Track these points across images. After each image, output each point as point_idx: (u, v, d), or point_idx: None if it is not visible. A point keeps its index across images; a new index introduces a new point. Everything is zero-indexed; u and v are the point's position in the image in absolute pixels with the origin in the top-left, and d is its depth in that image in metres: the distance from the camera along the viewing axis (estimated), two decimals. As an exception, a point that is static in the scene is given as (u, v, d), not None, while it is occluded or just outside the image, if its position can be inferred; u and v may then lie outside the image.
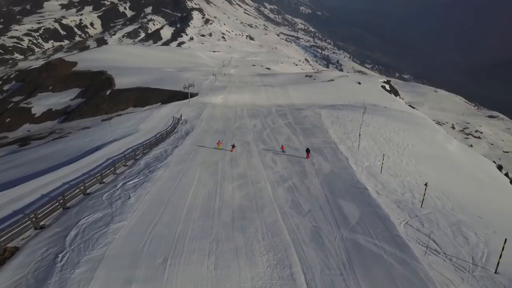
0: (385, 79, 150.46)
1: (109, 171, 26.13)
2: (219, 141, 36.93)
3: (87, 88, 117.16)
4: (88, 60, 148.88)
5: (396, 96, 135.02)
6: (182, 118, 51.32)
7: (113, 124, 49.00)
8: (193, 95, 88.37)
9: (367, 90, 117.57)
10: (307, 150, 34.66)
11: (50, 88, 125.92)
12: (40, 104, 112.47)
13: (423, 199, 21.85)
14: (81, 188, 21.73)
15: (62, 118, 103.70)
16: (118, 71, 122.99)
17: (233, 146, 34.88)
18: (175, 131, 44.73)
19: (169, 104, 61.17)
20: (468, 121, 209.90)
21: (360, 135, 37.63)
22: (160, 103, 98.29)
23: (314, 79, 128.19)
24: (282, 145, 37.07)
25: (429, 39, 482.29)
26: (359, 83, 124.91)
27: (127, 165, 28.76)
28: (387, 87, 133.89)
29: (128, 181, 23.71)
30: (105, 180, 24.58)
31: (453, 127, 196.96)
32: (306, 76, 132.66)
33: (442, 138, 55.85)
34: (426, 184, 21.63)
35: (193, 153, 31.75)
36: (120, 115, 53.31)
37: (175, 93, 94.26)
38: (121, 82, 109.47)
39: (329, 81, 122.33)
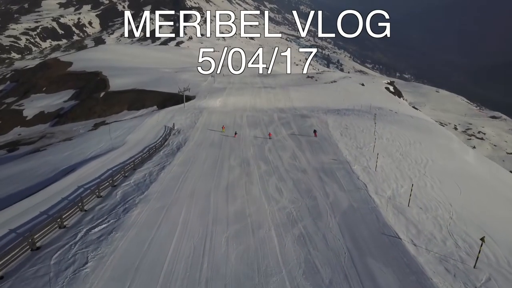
0: (388, 80, 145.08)
1: (76, 207, 20.71)
2: (223, 126, 44.93)
3: (81, 90, 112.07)
4: (84, 60, 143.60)
5: (399, 97, 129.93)
6: (175, 128, 45.84)
7: (99, 134, 43.59)
8: (190, 98, 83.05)
9: (371, 92, 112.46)
10: (315, 131, 41.10)
11: (44, 89, 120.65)
12: (32, 106, 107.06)
13: (477, 258, 16.44)
14: (29, 241, 16.32)
15: (54, 121, 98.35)
16: (114, 71, 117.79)
17: (236, 133, 41.80)
18: (165, 144, 39.26)
19: (162, 110, 55.64)
20: (470, 122, 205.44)
21: (378, 155, 32.06)
22: (155, 106, 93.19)
23: (316, 80, 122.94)
24: (269, 133, 42.19)
25: (430, 39, 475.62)
26: (363, 84, 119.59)
27: (100, 196, 23.34)
28: (391, 88, 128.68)
29: (94, 226, 18.27)
30: (67, 223, 19.15)
31: (456, 128, 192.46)
32: (308, 77, 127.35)
33: (458, 148, 50.45)
34: (482, 240, 16.17)
35: (181, 178, 26.27)
36: (107, 123, 47.82)
37: (171, 96, 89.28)
38: (116, 83, 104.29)
39: (332, 82, 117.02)
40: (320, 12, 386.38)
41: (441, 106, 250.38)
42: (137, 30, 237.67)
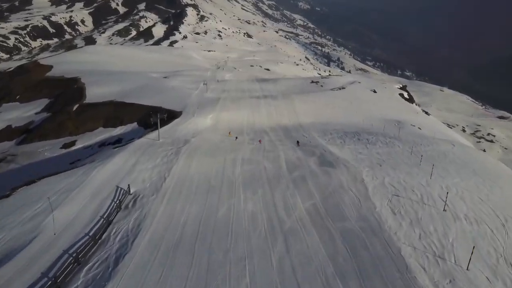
0: (399, 84, 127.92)
1: None
2: (229, 132, 49.78)
3: (56, 99, 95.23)
4: (66, 63, 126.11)
5: (412, 103, 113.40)
6: (131, 192, 28.74)
7: (6, 211, 26.42)
8: (175, 114, 66.19)
9: (385, 101, 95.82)
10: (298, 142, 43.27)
11: (18, 97, 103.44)
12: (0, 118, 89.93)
13: None
14: None
15: (21, 138, 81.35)
16: (95, 77, 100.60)
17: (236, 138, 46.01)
18: (103, 238, 22.33)
19: (124, 151, 37.91)
20: (478, 123, 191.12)
21: None
22: (135, 123, 76.58)
23: (322, 86, 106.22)
24: (259, 140, 44.53)
25: (429, 35, 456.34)
26: (374, 91, 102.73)
27: None
28: (405, 94, 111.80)
29: None
30: None
31: (464, 130, 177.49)
32: (312, 82, 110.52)
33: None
34: None
35: None
36: (34, 182, 30.58)
37: (154, 110, 72.53)
38: (95, 92, 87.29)
39: (340, 89, 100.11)
40: (318, 9, 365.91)
41: (446, 106, 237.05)
42: (129, 29, 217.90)
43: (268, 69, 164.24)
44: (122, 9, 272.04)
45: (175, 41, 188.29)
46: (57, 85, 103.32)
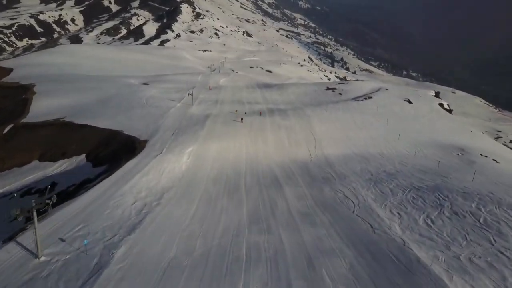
0: (432, 91, 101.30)
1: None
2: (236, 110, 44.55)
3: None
4: (30, 65, 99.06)
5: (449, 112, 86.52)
6: None
7: None
8: (134, 147, 40.54)
9: (427, 115, 69.03)
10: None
11: (-40, 110, 76.63)
12: None
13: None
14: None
15: None
16: (54, 84, 73.81)
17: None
18: None
19: None
20: (499, 129, 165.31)
21: None
22: (84, 155, 49.90)
23: (340, 93, 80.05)
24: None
25: (429, 34, 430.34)
26: (409, 101, 76.10)
27: None
28: (445, 104, 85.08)
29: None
30: None
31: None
32: (328, 89, 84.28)
33: None
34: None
35: None
36: None
37: (112, 135, 46.92)
38: (43, 106, 60.60)
39: (365, 98, 73.63)
40: (319, 8, 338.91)
41: (461, 109, 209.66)
42: (119, 27, 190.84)
43: (270, 71, 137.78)
44: (114, 7, 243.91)
45: (167, 40, 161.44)
46: (7, 94, 76.51)
